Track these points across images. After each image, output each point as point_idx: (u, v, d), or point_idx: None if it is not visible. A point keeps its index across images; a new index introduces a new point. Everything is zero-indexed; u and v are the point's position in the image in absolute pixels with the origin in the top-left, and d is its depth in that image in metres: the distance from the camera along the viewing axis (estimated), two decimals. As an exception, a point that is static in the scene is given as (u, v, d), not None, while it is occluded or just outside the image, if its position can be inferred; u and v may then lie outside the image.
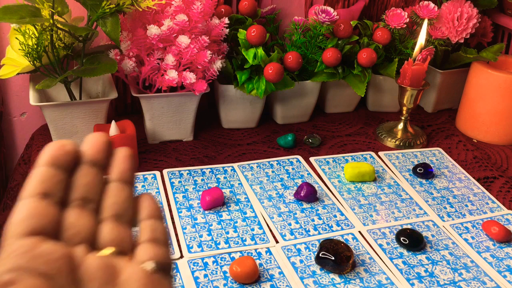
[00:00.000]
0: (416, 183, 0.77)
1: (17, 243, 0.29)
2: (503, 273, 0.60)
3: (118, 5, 0.70)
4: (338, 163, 0.80)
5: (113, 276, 0.31)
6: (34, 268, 0.28)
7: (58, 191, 0.32)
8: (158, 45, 0.75)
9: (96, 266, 0.30)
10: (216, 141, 0.85)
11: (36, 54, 0.69)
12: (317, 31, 0.86)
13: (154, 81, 0.78)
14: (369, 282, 0.57)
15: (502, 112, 0.88)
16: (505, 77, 0.86)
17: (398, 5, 0.99)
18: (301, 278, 0.57)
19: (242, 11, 0.87)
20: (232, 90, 0.85)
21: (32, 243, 0.29)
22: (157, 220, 0.35)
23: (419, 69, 0.82)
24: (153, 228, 0.35)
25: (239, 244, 0.61)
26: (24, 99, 0.90)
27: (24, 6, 0.66)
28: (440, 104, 1.01)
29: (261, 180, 0.75)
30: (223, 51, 0.83)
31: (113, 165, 0.36)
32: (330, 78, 0.88)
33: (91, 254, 0.31)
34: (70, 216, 0.32)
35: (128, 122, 0.75)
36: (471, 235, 0.66)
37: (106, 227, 0.33)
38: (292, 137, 0.83)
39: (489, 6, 0.94)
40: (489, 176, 0.80)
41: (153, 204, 0.36)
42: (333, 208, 0.70)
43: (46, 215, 0.31)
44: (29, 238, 0.30)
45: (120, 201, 0.35)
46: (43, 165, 0.33)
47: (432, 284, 0.58)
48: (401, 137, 0.87)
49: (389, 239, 0.64)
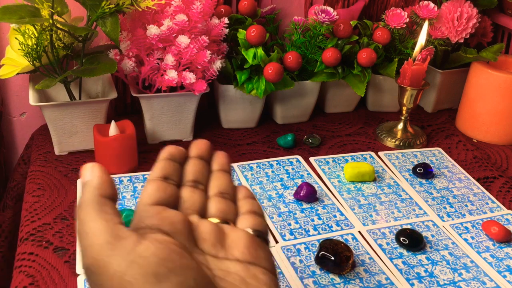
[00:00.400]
0: (416, 183, 0.77)
1: (148, 209, 0.36)
2: (503, 273, 0.60)
3: (118, 5, 0.70)
4: (338, 163, 0.80)
5: (222, 238, 0.37)
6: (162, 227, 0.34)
7: (175, 175, 0.41)
8: (157, 45, 0.75)
9: (208, 229, 0.37)
10: (216, 141, 0.85)
11: (36, 54, 0.69)
12: (317, 31, 0.86)
13: (154, 81, 0.78)
14: (369, 282, 0.57)
15: (502, 112, 0.88)
16: (505, 77, 0.86)
17: (398, 5, 0.99)
18: (301, 278, 0.57)
19: (241, 11, 0.87)
20: (232, 90, 0.85)
21: (159, 209, 0.36)
22: (253, 199, 0.42)
23: (419, 69, 0.82)
24: (250, 203, 0.42)
25: (238, 244, 0.61)
26: (24, 99, 0.90)
27: (23, 6, 0.66)
28: (440, 104, 1.01)
29: (261, 180, 0.74)
30: (222, 51, 0.83)
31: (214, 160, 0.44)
32: (330, 78, 0.88)
33: (203, 220, 0.38)
34: (185, 193, 0.40)
35: (128, 122, 0.75)
36: (471, 235, 0.66)
37: (213, 201, 0.40)
38: (292, 137, 0.83)
39: (489, 6, 0.94)
40: (489, 176, 0.80)
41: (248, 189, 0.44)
42: (333, 208, 0.69)
43: (168, 191, 0.39)
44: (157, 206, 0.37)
45: (222, 183, 0.42)
46: (162, 159, 0.42)
47: (432, 284, 0.58)
48: (401, 137, 0.87)
49: (389, 239, 0.64)
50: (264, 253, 0.38)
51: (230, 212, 0.40)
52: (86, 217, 0.33)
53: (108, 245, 0.31)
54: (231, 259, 0.35)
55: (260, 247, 0.38)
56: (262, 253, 0.37)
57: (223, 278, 0.34)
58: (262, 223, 0.40)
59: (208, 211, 0.40)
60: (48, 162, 0.76)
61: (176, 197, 0.39)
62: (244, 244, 0.37)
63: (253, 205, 0.42)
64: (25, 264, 0.57)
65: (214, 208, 0.40)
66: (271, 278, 0.36)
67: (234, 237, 0.37)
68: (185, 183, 0.41)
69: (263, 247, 0.38)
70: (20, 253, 0.59)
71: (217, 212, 0.40)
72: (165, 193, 0.38)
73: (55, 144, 0.77)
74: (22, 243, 0.60)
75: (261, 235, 0.39)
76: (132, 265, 0.30)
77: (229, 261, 0.35)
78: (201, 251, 0.35)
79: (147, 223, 0.34)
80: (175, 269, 0.31)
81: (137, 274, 0.29)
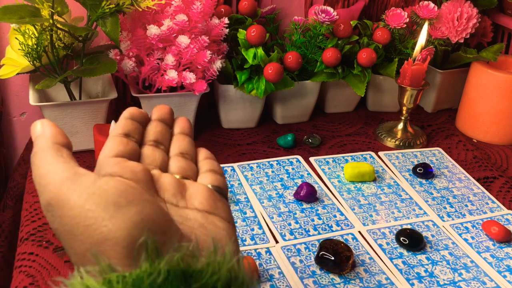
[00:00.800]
0: (416, 183, 0.77)
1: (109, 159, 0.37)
2: (503, 273, 0.60)
3: (118, 5, 0.70)
4: (338, 163, 0.80)
5: (183, 189, 0.38)
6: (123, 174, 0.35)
7: (136, 134, 0.42)
8: (158, 45, 0.75)
9: (169, 180, 0.38)
10: (216, 141, 0.85)
11: (36, 54, 0.69)
12: (317, 31, 0.86)
13: (154, 81, 0.78)
14: (369, 282, 0.57)
15: (502, 112, 0.88)
16: (505, 77, 0.86)
17: (398, 5, 0.99)
18: (301, 278, 0.57)
19: (242, 11, 0.87)
20: (232, 90, 0.85)
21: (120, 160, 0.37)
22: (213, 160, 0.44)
23: (419, 69, 0.82)
24: (210, 163, 0.43)
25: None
26: (24, 99, 0.90)
27: (23, 6, 0.66)
28: (440, 104, 1.01)
29: (261, 180, 0.74)
30: (223, 51, 0.83)
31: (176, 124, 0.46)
32: (330, 78, 0.88)
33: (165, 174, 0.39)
34: (146, 151, 0.41)
35: (128, 122, 0.75)
36: (471, 235, 0.66)
37: (174, 160, 0.42)
38: (292, 137, 0.83)
39: (489, 6, 0.94)
40: (489, 176, 0.80)
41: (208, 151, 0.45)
42: (333, 208, 0.69)
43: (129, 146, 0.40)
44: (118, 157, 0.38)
45: (183, 144, 0.44)
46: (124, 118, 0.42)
47: (432, 284, 0.58)
48: (401, 137, 0.87)
49: (389, 239, 0.64)
50: (222, 205, 0.39)
51: (191, 170, 0.42)
52: (44, 161, 0.33)
53: (68, 180, 0.32)
54: (190, 208, 0.37)
55: (219, 199, 0.39)
56: (221, 205, 0.39)
57: (182, 222, 0.35)
58: (221, 181, 0.42)
59: (169, 169, 0.41)
60: (48, 162, 0.76)
61: (137, 153, 0.41)
62: (203, 195, 0.38)
63: (213, 165, 0.43)
64: (25, 264, 0.57)
65: (174, 166, 0.41)
66: (229, 226, 0.38)
67: (194, 189, 0.39)
68: (146, 143, 0.42)
69: (222, 200, 0.40)
70: (20, 253, 0.59)
71: (177, 169, 0.41)
72: (126, 147, 0.40)
73: (55, 144, 0.77)
74: (22, 243, 0.60)
75: (220, 191, 0.41)
76: (92, 196, 0.30)
77: (189, 209, 0.37)
78: (162, 200, 0.36)
79: (108, 171, 0.35)
80: (135, 200, 0.31)
81: (97, 203, 0.30)
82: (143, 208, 0.31)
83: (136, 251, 0.29)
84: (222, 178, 0.43)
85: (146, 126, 0.44)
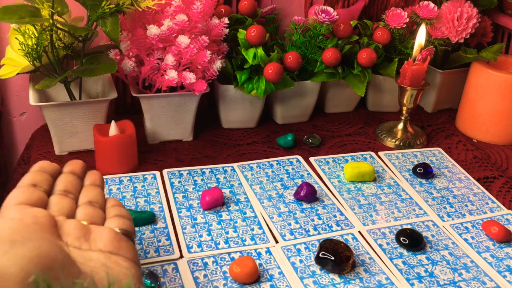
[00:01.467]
0: (416, 183, 0.77)
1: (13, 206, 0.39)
2: (503, 273, 0.60)
3: (118, 5, 0.70)
4: (338, 163, 0.80)
5: (87, 233, 0.40)
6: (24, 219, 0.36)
7: (44, 184, 0.43)
8: (158, 45, 0.75)
9: (73, 225, 0.40)
10: (216, 141, 0.85)
11: (36, 54, 0.69)
12: (317, 31, 0.86)
13: (154, 81, 0.78)
14: (369, 282, 0.57)
15: (502, 112, 0.88)
16: (505, 77, 0.86)
17: (398, 5, 0.99)
18: (301, 278, 0.57)
19: (242, 11, 0.87)
20: (232, 90, 0.85)
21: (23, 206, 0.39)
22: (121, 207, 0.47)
23: (419, 69, 0.82)
24: (118, 209, 0.46)
25: (238, 244, 0.61)
26: (24, 99, 0.90)
27: (23, 6, 0.66)
28: (440, 104, 1.01)
29: (261, 180, 0.74)
30: (223, 51, 0.83)
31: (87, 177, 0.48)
32: (330, 78, 0.88)
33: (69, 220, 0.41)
34: (54, 199, 0.43)
35: (128, 122, 0.75)
36: (471, 235, 0.66)
37: (82, 208, 0.44)
38: (292, 137, 0.83)
39: (489, 6, 0.94)
40: (489, 176, 0.80)
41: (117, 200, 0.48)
42: (333, 208, 0.69)
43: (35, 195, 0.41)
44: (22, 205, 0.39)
45: (92, 194, 0.46)
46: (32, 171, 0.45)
47: (432, 284, 0.58)
48: (401, 137, 0.87)
49: (389, 239, 0.64)
50: (126, 245, 0.41)
51: (98, 217, 0.44)
52: None
53: None
54: (94, 250, 0.38)
55: (123, 241, 0.41)
56: (125, 245, 0.41)
57: (84, 263, 0.36)
58: (128, 224, 0.44)
59: (76, 216, 0.43)
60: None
61: (44, 202, 0.42)
62: (107, 237, 0.40)
63: (120, 210, 0.45)
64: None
65: (81, 213, 0.43)
66: (132, 265, 0.40)
67: (98, 232, 0.40)
68: (55, 192, 0.44)
69: (127, 241, 0.41)
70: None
71: (84, 216, 0.43)
72: (31, 196, 0.41)
73: (55, 144, 0.77)
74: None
75: (126, 234, 0.42)
76: None
77: (92, 251, 0.38)
78: (65, 243, 0.37)
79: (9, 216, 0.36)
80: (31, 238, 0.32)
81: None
82: (39, 245, 0.31)
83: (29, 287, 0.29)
84: (129, 222, 0.45)
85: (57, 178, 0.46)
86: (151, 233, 0.62)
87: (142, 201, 0.68)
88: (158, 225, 0.64)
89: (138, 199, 0.68)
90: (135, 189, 0.70)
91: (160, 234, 0.62)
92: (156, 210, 0.66)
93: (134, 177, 0.73)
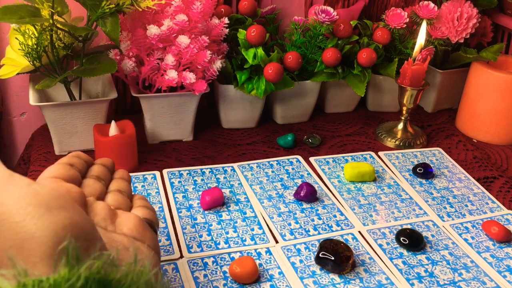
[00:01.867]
0: (416, 183, 0.77)
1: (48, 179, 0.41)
2: (503, 273, 0.60)
3: (118, 5, 0.70)
4: (338, 163, 0.80)
5: (113, 216, 0.41)
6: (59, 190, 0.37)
7: (80, 166, 0.46)
8: (158, 45, 0.75)
9: (101, 206, 0.41)
10: (216, 141, 0.85)
11: (36, 54, 0.69)
12: (317, 31, 0.86)
13: (154, 81, 0.78)
14: (369, 282, 0.57)
15: (502, 112, 0.88)
16: (505, 77, 0.86)
17: (398, 5, 0.99)
18: (301, 278, 0.57)
19: (242, 11, 0.87)
20: (232, 90, 0.85)
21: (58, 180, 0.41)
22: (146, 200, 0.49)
23: (419, 69, 0.82)
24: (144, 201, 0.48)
25: (239, 244, 0.61)
26: (24, 99, 0.90)
27: (23, 6, 0.66)
28: (440, 104, 1.01)
29: (261, 180, 0.74)
30: (223, 51, 0.83)
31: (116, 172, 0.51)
32: (330, 78, 0.88)
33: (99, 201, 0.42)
34: (88, 181, 0.45)
35: (128, 122, 0.75)
36: (471, 235, 0.66)
37: (111, 194, 0.46)
38: (292, 137, 0.83)
39: (489, 6, 0.94)
40: (489, 176, 0.80)
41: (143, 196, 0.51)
42: (333, 208, 0.69)
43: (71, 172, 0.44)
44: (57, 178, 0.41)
45: (122, 185, 0.49)
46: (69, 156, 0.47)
47: (432, 284, 0.58)
48: (401, 137, 0.87)
49: (389, 239, 0.64)
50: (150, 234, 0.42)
51: (125, 204, 0.46)
52: None
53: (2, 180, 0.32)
54: (118, 233, 0.40)
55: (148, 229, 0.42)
56: (149, 234, 0.42)
57: (108, 243, 0.37)
58: (153, 215, 0.46)
59: (106, 200, 0.45)
60: (48, 162, 0.76)
61: (78, 181, 0.44)
62: (133, 222, 0.41)
63: (146, 203, 0.48)
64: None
65: (111, 198, 0.45)
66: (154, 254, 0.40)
67: (124, 217, 0.42)
68: (88, 176, 0.47)
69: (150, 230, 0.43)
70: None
71: (113, 201, 0.45)
72: (67, 172, 0.43)
73: (55, 144, 0.77)
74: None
75: (150, 223, 0.44)
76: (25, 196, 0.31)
77: (116, 234, 0.40)
78: None
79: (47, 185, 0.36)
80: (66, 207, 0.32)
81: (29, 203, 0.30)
82: (72, 215, 0.32)
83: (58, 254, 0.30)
84: (154, 214, 0.47)
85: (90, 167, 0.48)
86: (151, 233, 0.62)
87: (142, 201, 0.68)
88: (158, 225, 0.64)
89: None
90: (135, 189, 0.70)
91: (160, 234, 0.62)
92: (156, 210, 0.66)
93: (134, 177, 0.73)
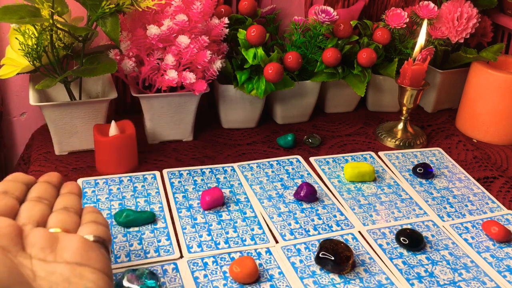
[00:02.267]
0: (416, 183, 0.77)
1: None
2: (503, 273, 0.60)
3: (118, 5, 0.70)
4: (338, 163, 0.80)
5: (54, 242, 0.38)
6: None
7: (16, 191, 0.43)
8: (158, 45, 0.75)
9: (39, 235, 0.38)
10: (216, 141, 0.85)
11: (36, 54, 0.69)
12: (317, 31, 0.86)
13: (154, 81, 0.78)
14: (369, 282, 0.57)
15: (502, 112, 0.88)
16: (505, 77, 0.86)
17: (398, 5, 0.99)
18: (301, 278, 0.57)
19: (242, 11, 0.87)
20: (232, 90, 0.85)
21: None
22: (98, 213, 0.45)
23: (419, 69, 0.82)
24: (94, 216, 0.44)
25: (239, 244, 0.61)
26: (24, 99, 0.90)
27: (23, 6, 0.66)
28: (440, 104, 1.01)
29: (261, 180, 0.74)
30: (223, 51, 0.83)
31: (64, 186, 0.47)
32: (330, 78, 0.88)
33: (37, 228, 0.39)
34: (25, 206, 0.42)
35: (128, 122, 0.75)
36: (471, 235, 0.66)
37: (56, 213, 0.43)
38: (292, 137, 0.83)
39: (489, 6, 0.94)
40: (489, 176, 0.80)
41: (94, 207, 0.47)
42: (333, 208, 0.69)
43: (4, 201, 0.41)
44: None
45: (69, 200, 0.45)
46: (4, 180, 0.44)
47: (432, 284, 0.58)
48: (401, 137, 0.87)
49: (389, 239, 0.64)
50: (96, 255, 0.39)
51: (72, 222, 0.43)
52: None
53: None
54: (59, 262, 0.37)
55: (93, 249, 0.40)
56: (94, 255, 0.39)
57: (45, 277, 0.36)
58: (103, 231, 0.43)
59: (48, 222, 0.42)
60: (48, 162, 0.76)
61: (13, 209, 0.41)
62: (76, 247, 0.39)
63: (96, 217, 0.44)
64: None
65: (55, 219, 0.42)
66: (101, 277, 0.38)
67: (66, 241, 0.39)
68: (27, 199, 0.43)
69: (97, 250, 0.40)
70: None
71: (57, 222, 0.42)
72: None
73: (55, 144, 0.77)
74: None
75: (100, 241, 0.41)
76: None
77: (57, 263, 0.37)
78: (28, 255, 0.37)
79: None
80: None
81: None
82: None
83: None
84: (105, 229, 0.44)
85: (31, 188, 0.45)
86: (151, 233, 0.62)
87: (142, 201, 0.68)
88: (158, 225, 0.64)
89: (138, 199, 0.68)
90: (135, 189, 0.70)
91: (160, 234, 0.62)
92: (156, 210, 0.66)
93: (134, 177, 0.73)
